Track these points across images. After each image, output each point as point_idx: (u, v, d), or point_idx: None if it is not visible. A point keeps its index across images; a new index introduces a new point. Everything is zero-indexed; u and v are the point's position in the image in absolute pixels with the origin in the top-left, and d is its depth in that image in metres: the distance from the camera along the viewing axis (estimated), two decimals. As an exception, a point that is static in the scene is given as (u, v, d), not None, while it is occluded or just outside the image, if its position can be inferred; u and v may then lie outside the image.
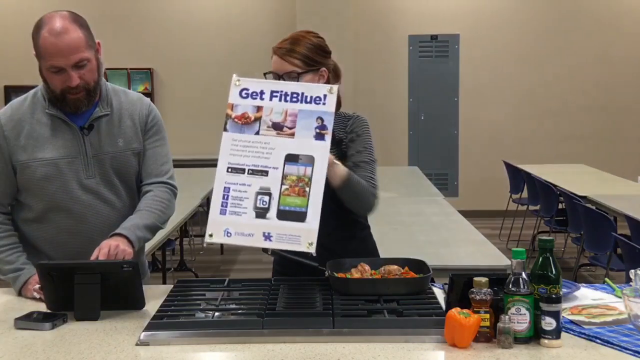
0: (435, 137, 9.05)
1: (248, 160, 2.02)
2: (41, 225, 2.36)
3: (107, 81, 2.44)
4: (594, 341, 1.82)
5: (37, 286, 2.20)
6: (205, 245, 2.08)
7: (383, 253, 2.60)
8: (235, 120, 2.06)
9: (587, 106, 8.96)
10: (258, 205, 1.99)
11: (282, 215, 1.97)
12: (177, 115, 8.94)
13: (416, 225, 4.37)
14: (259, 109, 2.06)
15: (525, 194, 7.28)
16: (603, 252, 4.87)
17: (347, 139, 2.40)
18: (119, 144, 2.37)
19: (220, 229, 1.99)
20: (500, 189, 8.25)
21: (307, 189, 1.98)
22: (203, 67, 8.93)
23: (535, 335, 1.80)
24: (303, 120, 2.03)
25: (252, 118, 2.05)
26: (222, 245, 7.29)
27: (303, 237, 1.96)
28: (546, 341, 1.78)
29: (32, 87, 2.48)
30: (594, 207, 5.24)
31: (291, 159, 2.01)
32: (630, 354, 1.73)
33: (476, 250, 3.72)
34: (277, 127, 2.03)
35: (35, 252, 2.37)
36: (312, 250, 1.95)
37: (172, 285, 2.31)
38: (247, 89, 2.09)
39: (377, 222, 2.55)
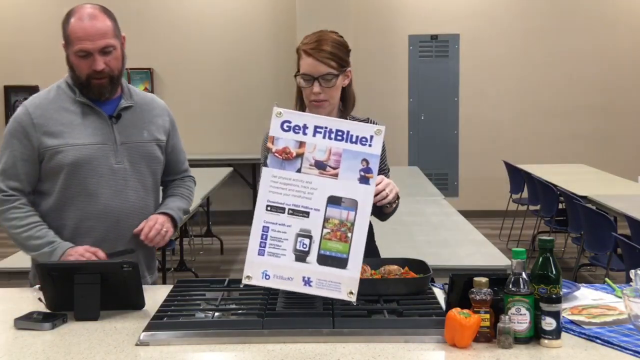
0: (435, 137, 9.05)
1: (288, 199, 1.94)
2: (65, 213, 2.39)
3: None
4: (594, 341, 1.82)
5: (37, 286, 2.20)
6: (242, 286, 2.06)
7: (383, 253, 2.60)
8: (276, 154, 1.96)
9: (587, 106, 8.96)
10: (298, 247, 1.92)
11: (323, 260, 1.91)
12: (177, 115, 8.82)
13: (416, 225, 4.37)
14: (301, 144, 1.96)
15: (525, 194, 7.28)
16: (603, 252, 4.86)
17: None
18: (144, 135, 2.48)
19: (258, 271, 1.92)
20: (500, 189, 8.25)
21: (349, 234, 1.91)
22: (203, 67, 8.93)
23: (535, 335, 1.80)
24: (347, 161, 1.95)
25: (294, 154, 1.96)
26: (222, 245, 7.29)
27: (344, 285, 1.90)
28: (546, 341, 1.78)
29: (32, 87, 2.52)
30: (594, 207, 5.24)
31: (334, 201, 1.93)
32: (630, 354, 1.73)
33: (476, 250, 3.72)
34: (320, 166, 1.95)
35: None
36: (353, 299, 1.90)
37: (172, 285, 2.31)
38: (289, 122, 1.98)
39: (377, 222, 2.56)
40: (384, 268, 2.22)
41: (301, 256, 1.91)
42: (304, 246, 1.92)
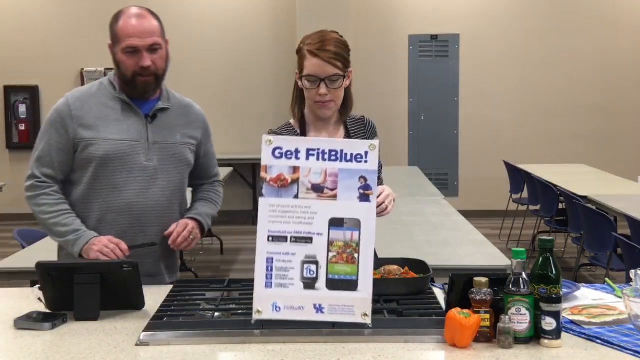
0: (435, 137, 9.04)
1: (289, 226, 1.89)
2: (90, 205, 2.45)
3: None
4: (594, 341, 1.82)
5: (37, 286, 2.20)
6: (253, 322, 2.08)
7: (383, 253, 2.60)
8: (271, 183, 1.91)
9: (587, 106, 8.96)
10: (305, 275, 1.87)
11: (332, 284, 1.86)
12: (177, 115, 8.93)
13: (416, 225, 4.37)
14: (295, 169, 1.91)
15: (525, 194, 7.28)
16: (603, 252, 4.86)
17: None
18: (177, 137, 2.53)
19: (267, 304, 1.86)
20: (500, 189, 8.25)
21: (356, 255, 1.87)
22: (203, 67, 8.92)
23: (535, 335, 1.80)
24: (345, 180, 1.90)
25: (289, 180, 1.91)
26: (222, 245, 7.29)
27: (357, 308, 1.84)
28: (546, 341, 1.78)
29: (32, 87, 2.56)
30: (594, 207, 5.24)
31: (336, 223, 1.89)
32: (630, 354, 1.73)
33: (476, 250, 3.72)
34: (317, 189, 1.90)
35: None
36: (368, 321, 1.84)
37: (172, 285, 2.31)
38: (280, 148, 1.93)
39: (377, 221, 2.55)
40: (384, 268, 2.22)
41: (309, 283, 1.86)
42: (311, 273, 1.87)
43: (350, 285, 1.86)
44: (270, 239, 1.89)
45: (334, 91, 2.31)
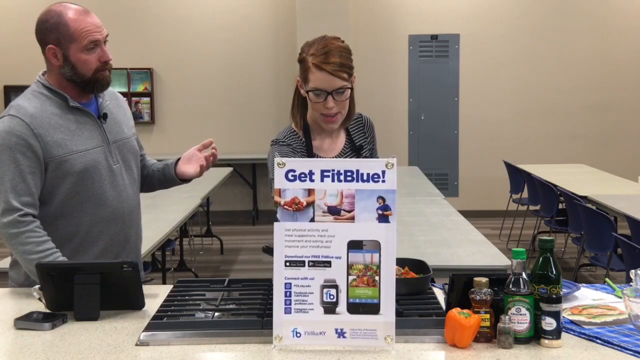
0: (435, 137, 9.05)
1: (306, 251, 1.83)
2: (74, 220, 2.35)
3: None
4: (594, 341, 1.82)
5: (37, 286, 2.19)
6: (273, 347, 1.92)
7: (383, 253, 2.60)
8: (286, 207, 1.84)
9: (587, 106, 8.96)
10: (325, 299, 1.82)
11: (353, 308, 1.81)
12: (177, 115, 8.94)
13: (416, 225, 4.37)
14: (310, 192, 1.84)
15: (525, 194, 7.28)
16: (603, 252, 4.87)
17: (367, 147, 2.46)
18: (124, 130, 2.50)
19: (287, 330, 1.81)
20: (500, 189, 8.25)
21: (377, 277, 1.81)
22: (203, 67, 8.93)
23: (535, 335, 1.80)
24: (362, 201, 1.83)
25: (304, 203, 1.84)
26: (222, 245, 7.29)
27: (380, 331, 1.79)
28: (546, 341, 1.78)
29: None
30: (594, 207, 5.24)
31: (354, 246, 1.82)
32: (631, 354, 1.73)
33: (476, 250, 3.72)
34: (334, 211, 1.84)
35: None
36: (392, 345, 1.79)
37: (172, 285, 2.31)
38: (293, 171, 1.85)
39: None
40: (384, 268, 2.21)
41: (330, 308, 1.82)
42: (332, 297, 1.82)
43: (372, 308, 1.81)
44: (287, 264, 1.84)
45: (340, 103, 2.28)
